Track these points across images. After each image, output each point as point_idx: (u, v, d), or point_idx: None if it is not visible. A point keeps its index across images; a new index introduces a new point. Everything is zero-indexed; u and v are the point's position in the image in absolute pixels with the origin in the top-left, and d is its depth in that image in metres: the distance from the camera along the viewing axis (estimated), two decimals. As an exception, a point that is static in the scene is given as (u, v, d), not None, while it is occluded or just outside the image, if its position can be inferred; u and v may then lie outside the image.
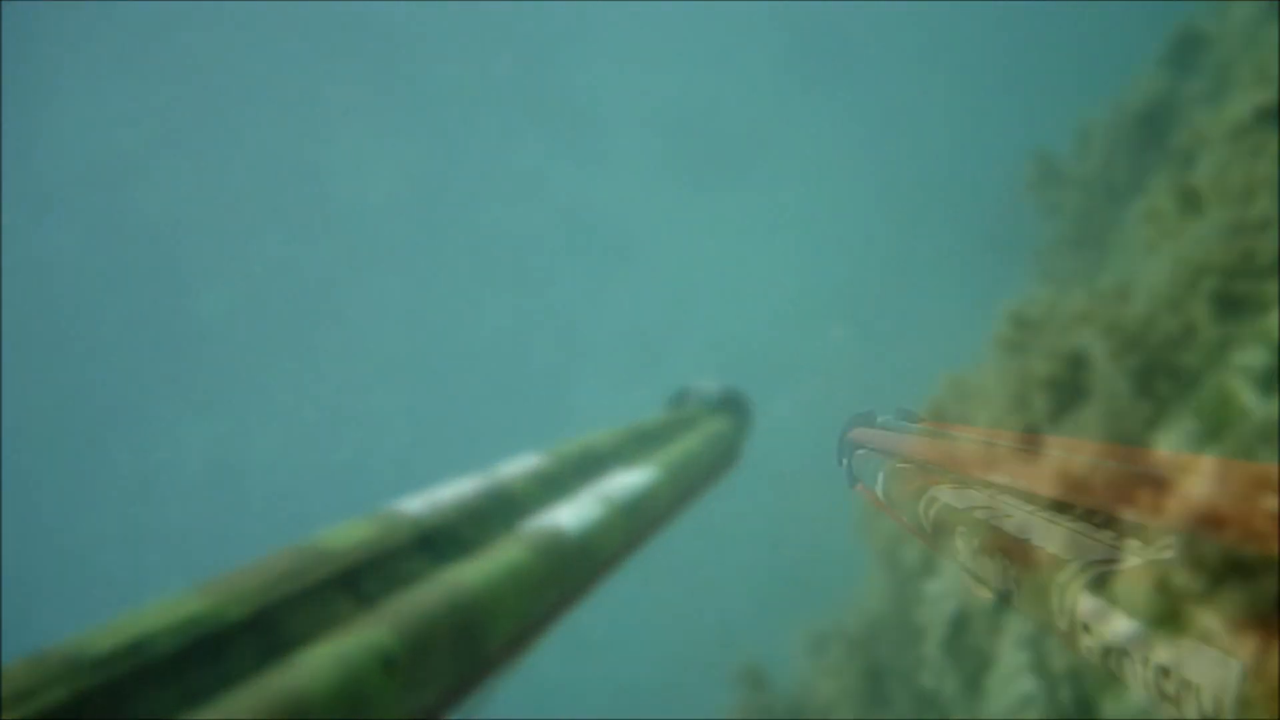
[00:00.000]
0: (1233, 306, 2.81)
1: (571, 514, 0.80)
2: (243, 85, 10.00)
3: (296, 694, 0.45)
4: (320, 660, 0.48)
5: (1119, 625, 0.41)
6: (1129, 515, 0.47)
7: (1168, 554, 0.43)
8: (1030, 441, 0.67)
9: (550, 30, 11.51)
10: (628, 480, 0.96)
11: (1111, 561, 0.45)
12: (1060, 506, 0.56)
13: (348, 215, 10.18)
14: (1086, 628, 0.43)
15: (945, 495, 0.69)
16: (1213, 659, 0.35)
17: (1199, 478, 0.43)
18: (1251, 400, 2.51)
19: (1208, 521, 0.39)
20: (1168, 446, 2.66)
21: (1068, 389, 3.17)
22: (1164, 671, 0.37)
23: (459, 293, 10.80)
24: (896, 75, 11.00)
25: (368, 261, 9.95)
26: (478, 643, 0.58)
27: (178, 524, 8.98)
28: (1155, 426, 2.82)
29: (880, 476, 0.87)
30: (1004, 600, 0.55)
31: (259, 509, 9.23)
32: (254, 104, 10.03)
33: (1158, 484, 0.45)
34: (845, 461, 1.04)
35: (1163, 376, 2.91)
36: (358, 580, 0.56)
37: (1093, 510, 0.53)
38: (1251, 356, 2.62)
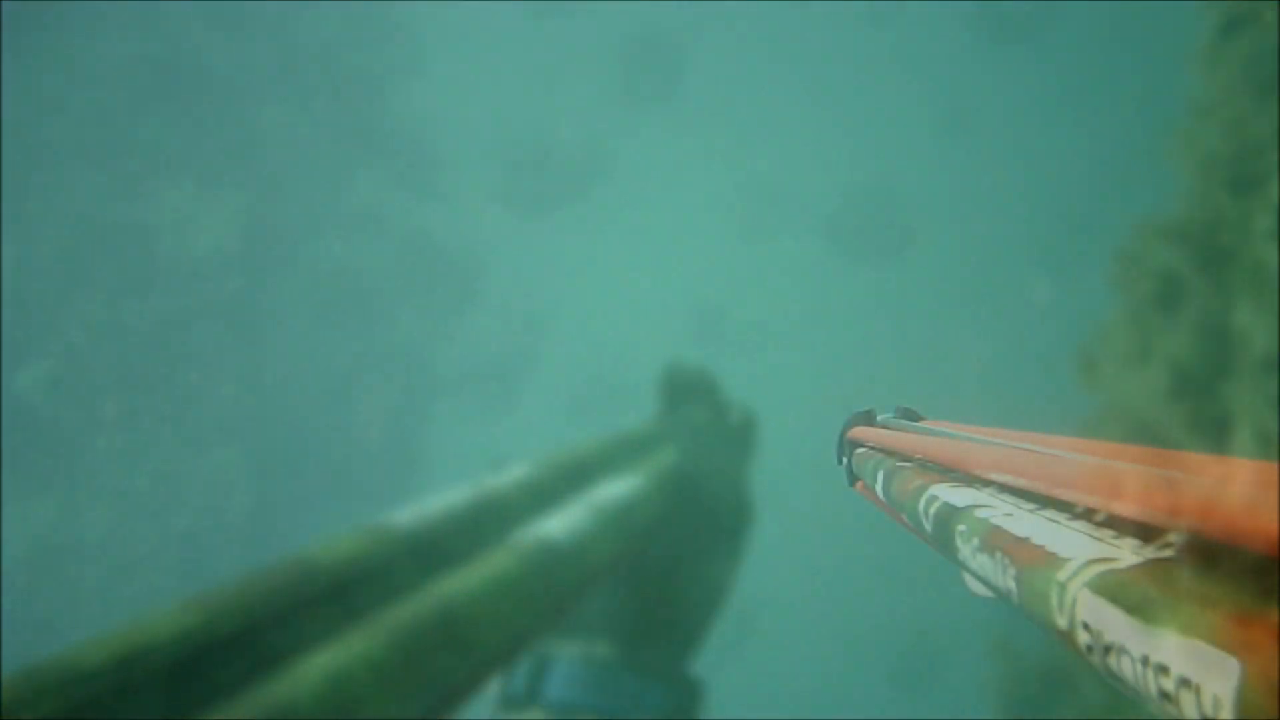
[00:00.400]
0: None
1: (561, 524, 0.83)
2: (48, 140, 9.48)
3: (288, 706, 0.46)
4: (311, 673, 0.48)
5: (1118, 623, 0.40)
6: (1129, 513, 0.46)
7: (1168, 552, 0.43)
8: (1031, 439, 0.66)
9: (373, 63, 11.42)
10: (618, 489, 0.99)
11: (1112, 560, 0.45)
12: (1061, 505, 0.56)
13: (173, 269, 9.76)
14: (1086, 626, 0.43)
15: (945, 494, 0.68)
16: (1212, 658, 0.34)
17: (1200, 475, 0.43)
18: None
19: (1209, 519, 0.38)
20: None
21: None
22: (1163, 670, 0.37)
23: (297, 337, 10.48)
24: (738, 89, 11.23)
25: (197, 315, 9.54)
26: (468, 653, 0.58)
27: (6, 615, 8.38)
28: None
29: (880, 475, 0.85)
30: (1004, 598, 0.54)
31: (94, 588, 8.73)
32: (60, 160, 9.50)
33: (1159, 481, 0.44)
34: (845, 460, 1.01)
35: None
36: (348, 593, 0.57)
37: (1093, 508, 0.52)
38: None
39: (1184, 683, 0.35)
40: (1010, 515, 0.58)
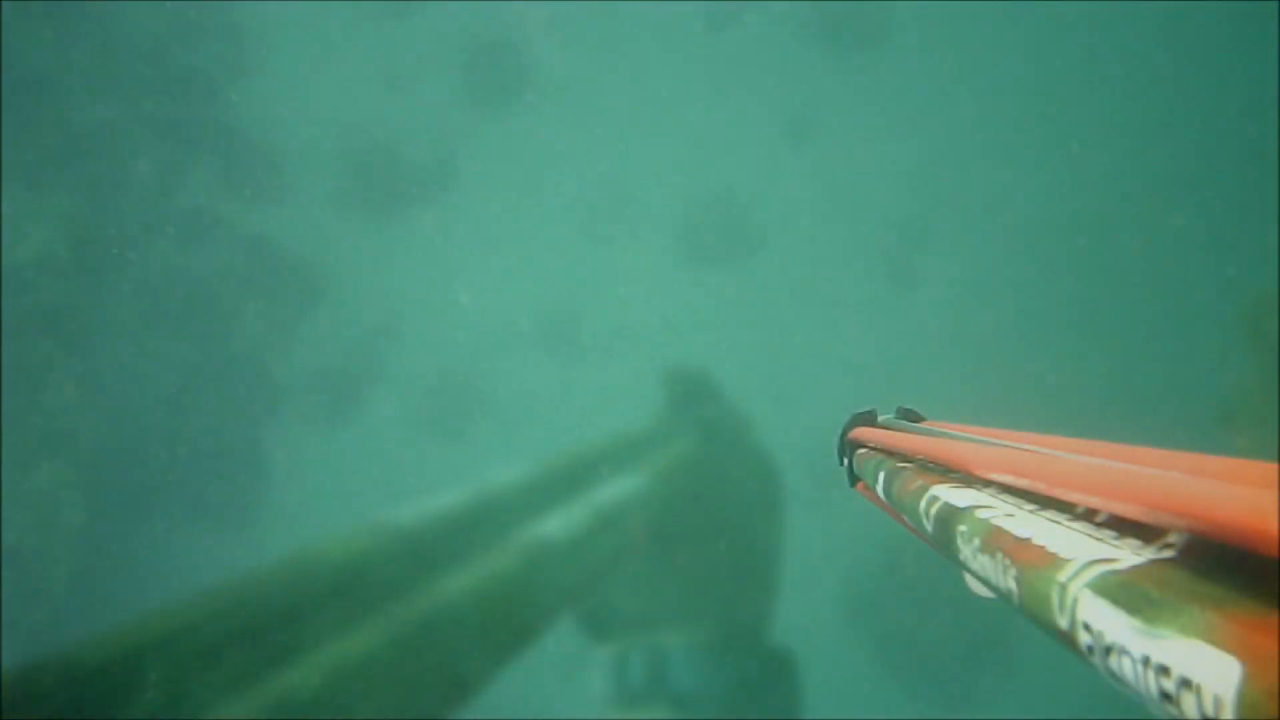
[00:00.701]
0: None
1: (560, 523, 0.84)
2: None
3: (292, 698, 0.48)
4: (315, 666, 0.50)
5: (1119, 624, 0.41)
6: (1130, 514, 0.46)
7: (1169, 553, 0.44)
8: (1032, 440, 0.67)
9: (206, 63, 11.08)
10: (616, 489, 1.04)
11: (1113, 560, 0.45)
12: (1061, 505, 0.56)
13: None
14: (1087, 626, 0.43)
15: (946, 494, 0.68)
16: (1213, 658, 0.35)
17: (1200, 476, 0.44)
18: None
19: (1209, 520, 0.39)
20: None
21: None
22: (1164, 671, 0.37)
23: (130, 345, 10.03)
24: (585, 94, 11.21)
25: (23, 325, 9.01)
26: (469, 648, 0.60)
27: None
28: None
29: (881, 476, 0.86)
30: (1005, 599, 0.54)
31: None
32: None
33: (1159, 482, 0.44)
34: (846, 461, 1.01)
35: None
36: (351, 588, 0.58)
37: (1094, 509, 0.53)
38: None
39: (1185, 683, 0.36)
40: (1011, 516, 0.58)
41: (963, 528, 0.61)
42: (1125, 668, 0.40)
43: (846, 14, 10.51)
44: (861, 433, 0.99)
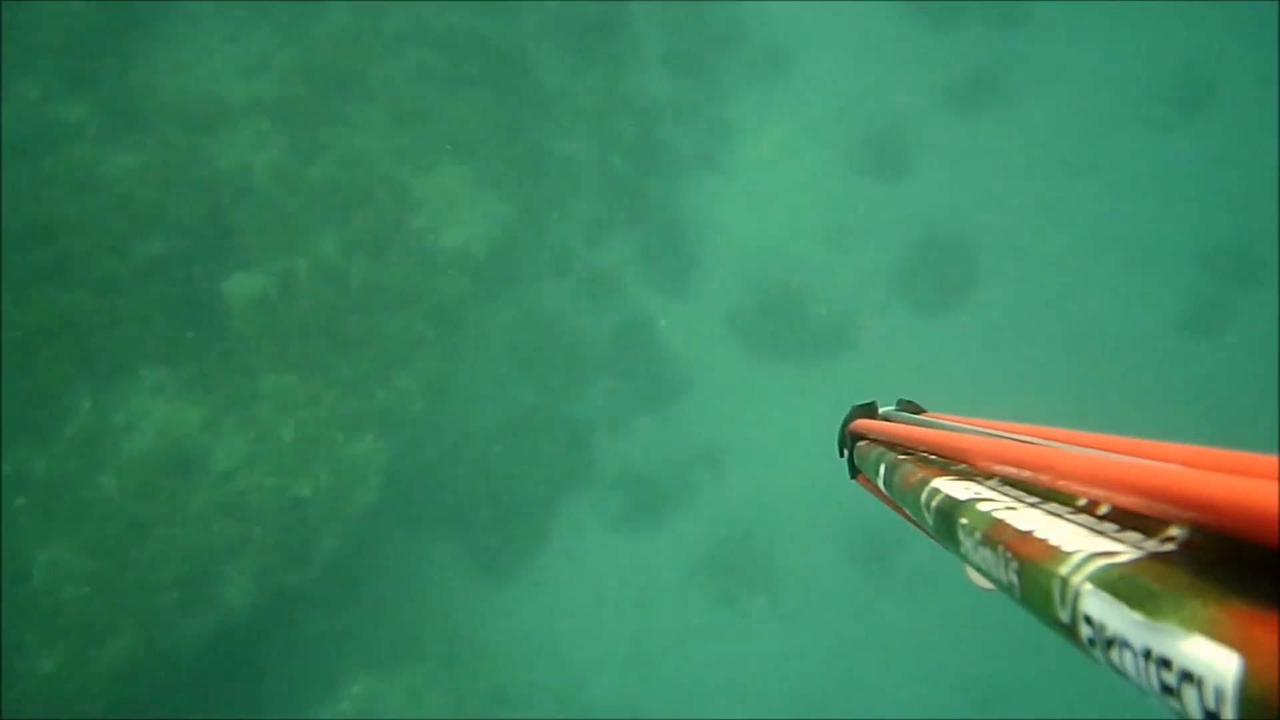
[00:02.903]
0: None
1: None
2: None
3: None
4: None
5: (1120, 617, 0.41)
6: (1131, 506, 0.47)
7: (1170, 546, 0.44)
8: (1034, 433, 0.67)
9: (681, 143, 11.04)
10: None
11: (1114, 554, 0.45)
12: (1064, 498, 0.57)
13: None
14: (1089, 620, 0.43)
15: (947, 487, 0.69)
16: (1215, 652, 0.35)
17: (1202, 469, 0.44)
18: None
19: (1211, 513, 0.39)
20: None
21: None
22: (1165, 664, 0.37)
23: (487, 373, 9.95)
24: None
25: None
26: None
27: None
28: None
29: (882, 468, 0.86)
30: (1006, 592, 0.54)
31: None
32: None
33: (1161, 475, 0.44)
34: (846, 453, 1.02)
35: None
36: None
37: (1095, 502, 0.53)
38: None
39: (1186, 677, 0.36)
40: (1013, 509, 0.58)
41: (964, 521, 0.61)
42: (1127, 661, 0.40)
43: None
44: (862, 424, 0.99)
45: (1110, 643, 0.41)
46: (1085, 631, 0.44)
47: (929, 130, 11.35)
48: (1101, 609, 0.42)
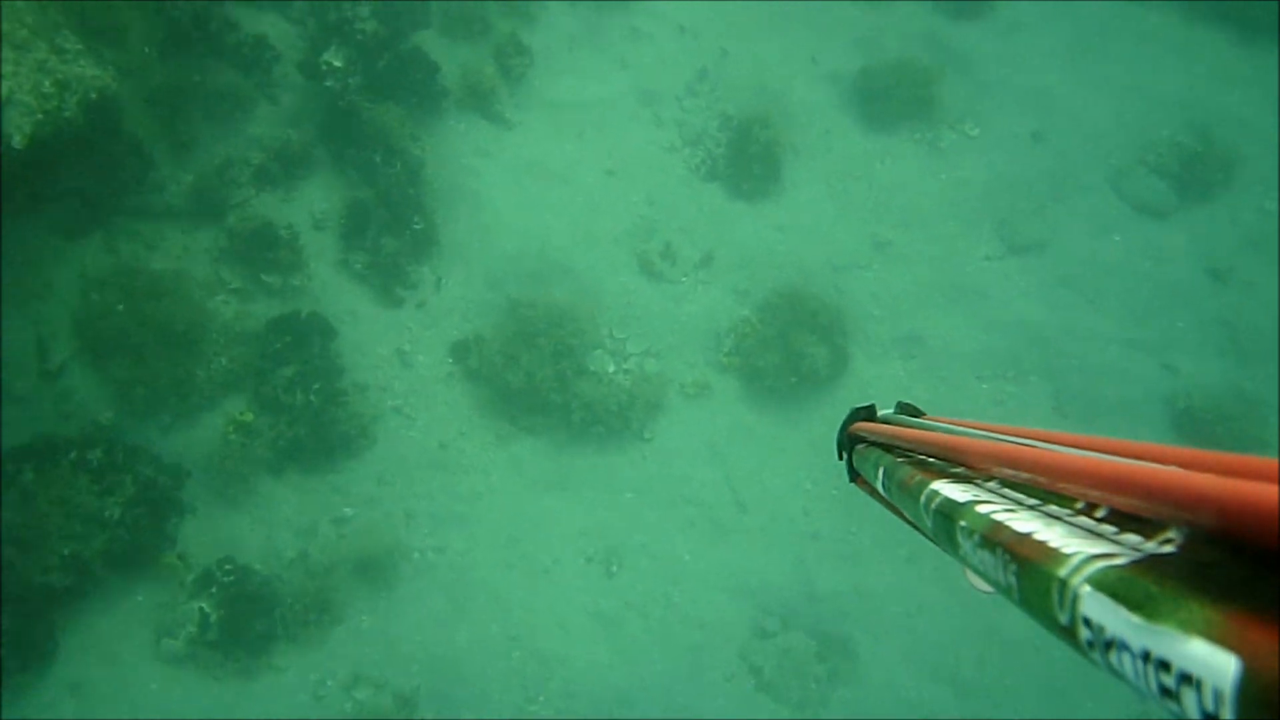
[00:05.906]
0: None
1: None
2: None
3: None
4: None
5: (1119, 620, 0.41)
6: (1130, 508, 0.47)
7: (1169, 548, 0.44)
8: (1033, 435, 0.67)
9: None
10: None
11: (1113, 555, 0.45)
12: (1062, 500, 0.57)
13: None
14: (1087, 622, 0.43)
15: (946, 489, 0.69)
16: (1213, 654, 0.35)
17: (1201, 471, 0.44)
18: None
19: (1209, 515, 0.39)
20: None
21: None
22: (1164, 666, 0.37)
23: None
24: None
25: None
26: None
27: None
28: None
29: (881, 471, 0.86)
30: (1005, 594, 0.54)
31: None
32: None
33: (1159, 477, 0.44)
34: (845, 456, 1.02)
35: None
36: None
37: (1094, 504, 0.53)
38: None
39: (1185, 679, 0.36)
40: (1011, 511, 0.58)
41: (963, 523, 0.61)
42: (1125, 663, 0.40)
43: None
44: (861, 427, 1.00)
45: (1109, 645, 0.41)
46: (1084, 634, 0.44)
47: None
48: (1100, 611, 0.42)
